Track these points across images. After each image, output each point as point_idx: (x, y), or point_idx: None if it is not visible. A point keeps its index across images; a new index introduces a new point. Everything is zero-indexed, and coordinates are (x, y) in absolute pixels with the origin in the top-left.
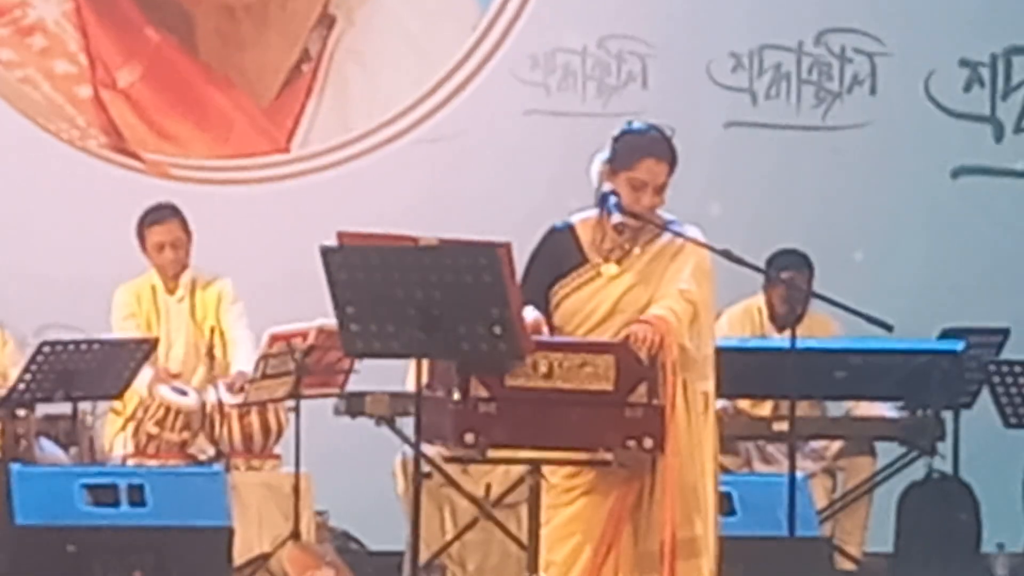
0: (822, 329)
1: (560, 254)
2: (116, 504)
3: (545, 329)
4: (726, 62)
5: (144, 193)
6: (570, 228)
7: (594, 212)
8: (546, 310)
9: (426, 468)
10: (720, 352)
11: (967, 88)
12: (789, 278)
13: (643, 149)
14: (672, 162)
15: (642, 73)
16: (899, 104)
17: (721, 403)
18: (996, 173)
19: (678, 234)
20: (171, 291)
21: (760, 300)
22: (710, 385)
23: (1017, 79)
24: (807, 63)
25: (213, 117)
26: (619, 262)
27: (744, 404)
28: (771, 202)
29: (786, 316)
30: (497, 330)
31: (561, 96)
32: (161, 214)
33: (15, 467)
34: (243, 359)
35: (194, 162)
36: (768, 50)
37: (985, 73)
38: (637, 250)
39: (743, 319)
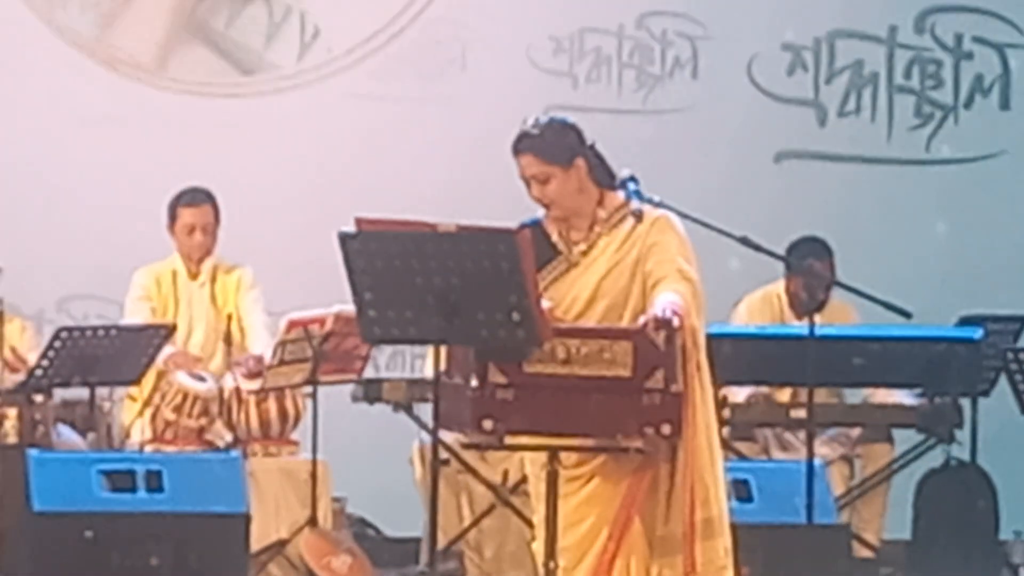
0: (841, 316)
1: (533, 249)
2: (133, 490)
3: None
4: (546, 45)
5: (174, 176)
6: (538, 223)
7: None
8: None
9: (444, 455)
10: (739, 339)
11: (790, 72)
12: (810, 266)
13: (513, 148)
14: (536, 151)
15: (461, 57)
16: (722, 88)
17: (748, 390)
18: (819, 157)
19: (702, 223)
20: (193, 276)
21: (780, 287)
22: (703, 357)
23: (840, 63)
24: (628, 47)
25: None
26: (588, 251)
27: (762, 389)
28: None
29: (807, 304)
30: (515, 316)
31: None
32: (196, 196)
33: (33, 453)
34: (260, 345)
35: (204, 79)
36: (588, 33)
37: (808, 57)
38: (605, 237)
39: (762, 307)
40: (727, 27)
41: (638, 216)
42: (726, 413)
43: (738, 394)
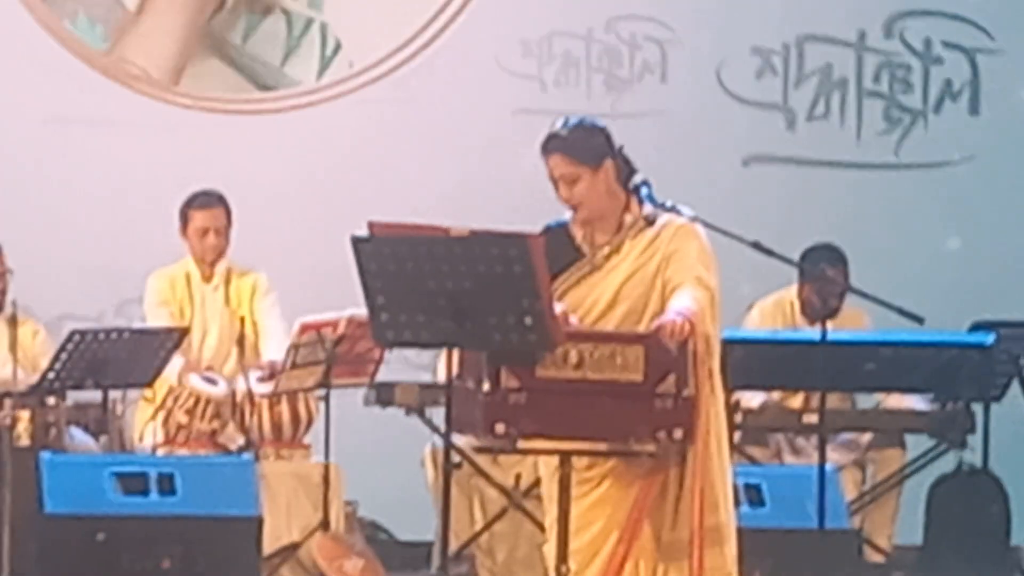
0: (854, 323)
1: (557, 251)
2: (146, 493)
3: (573, 319)
4: (515, 49)
5: (183, 180)
6: (564, 226)
7: None
8: None
9: (456, 458)
10: (751, 344)
11: (759, 76)
12: (823, 273)
13: (542, 147)
14: (565, 151)
15: (431, 61)
16: (690, 92)
17: (761, 396)
18: (788, 161)
19: (710, 225)
20: (207, 279)
21: (792, 293)
22: (716, 363)
23: (810, 67)
24: (597, 50)
25: None
26: (612, 254)
27: (774, 396)
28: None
29: (820, 311)
30: (528, 320)
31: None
32: (208, 199)
33: (45, 456)
34: (274, 349)
35: (219, 95)
36: (557, 37)
37: (777, 61)
38: (628, 241)
39: (775, 312)
40: (696, 31)
41: (651, 221)
42: (738, 418)
43: (752, 399)
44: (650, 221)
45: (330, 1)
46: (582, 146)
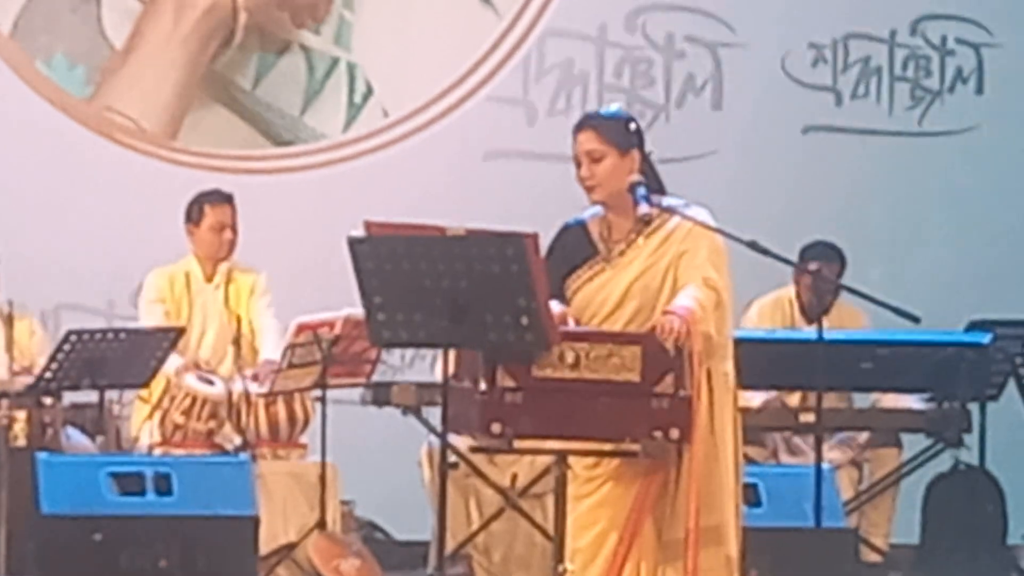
0: (852, 321)
1: (572, 249)
2: (142, 493)
3: (571, 321)
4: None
5: (175, 182)
6: (581, 224)
7: (601, 209)
8: (564, 304)
9: (452, 458)
10: (748, 343)
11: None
12: (816, 269)
13: (576, 127)
14: (596, 128)
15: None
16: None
17: (764, 396)
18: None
19: (706, 226)
20: (209, 278)
21: (791, 291)
22: (730, 366)
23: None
24: (901, 56)
25: None
26: (625, 252)
27: (777, 396)
28: (799, 196)
29: (813, 307)
30: (524, 320)
31: None
32: (219, 196)
33: (42, 456)
34: (270, 349)
35: (224, 151)
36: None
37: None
38: (642, 239)
39: (773, 310)
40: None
41: (647, 221)
42: None
43: (753, 399)
44: (646, 221)
45: (360, 37)
46: (615, 129)
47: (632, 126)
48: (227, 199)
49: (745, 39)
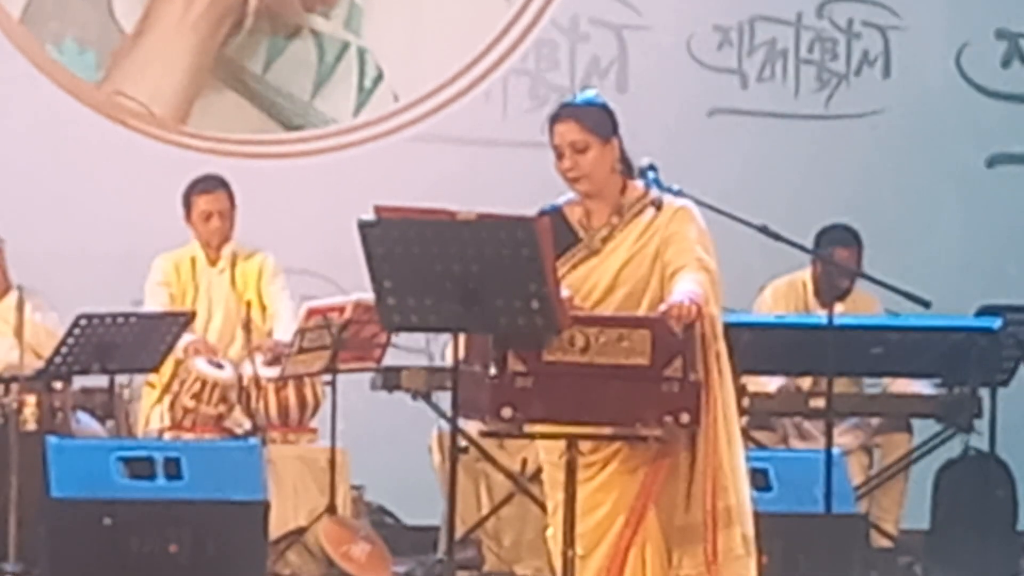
0: (866, 307)
1: (554, 236)
2: (152, 477)
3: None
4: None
5: (186, 166)
6: (557, 210)
7: (575, 195)
8: None
9: (462, 443)
10: (758, 328)
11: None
12: (830, 254)
13: (552, 116)
14: (578, 118)
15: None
16: (931, 85)
17: (779, 381)
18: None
19: (717, 209)
20: (213, 262)
21: (806, 275)
22: (722, 346)
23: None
24: (807, 38)
25: None
26: (609, 238)
27: (792, 382)
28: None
29: (828, 292)
30: (534, 304)
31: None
32: (210, 184)
33: (52, 440)
34: (284, 331)
35: (234, 135)
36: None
37: None
38: (626, 225)
39: (787, 294)
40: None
41: (658, 205)
42: (745, 402)
43: (767, 384)
44: (657, 205)
45: (370, 22)
46: (595, 118)
47: (609, 114)
48: (217, 184)
49: (650, 21)
